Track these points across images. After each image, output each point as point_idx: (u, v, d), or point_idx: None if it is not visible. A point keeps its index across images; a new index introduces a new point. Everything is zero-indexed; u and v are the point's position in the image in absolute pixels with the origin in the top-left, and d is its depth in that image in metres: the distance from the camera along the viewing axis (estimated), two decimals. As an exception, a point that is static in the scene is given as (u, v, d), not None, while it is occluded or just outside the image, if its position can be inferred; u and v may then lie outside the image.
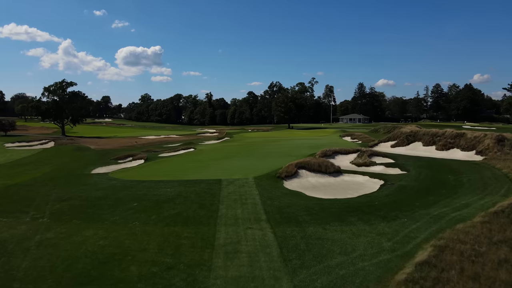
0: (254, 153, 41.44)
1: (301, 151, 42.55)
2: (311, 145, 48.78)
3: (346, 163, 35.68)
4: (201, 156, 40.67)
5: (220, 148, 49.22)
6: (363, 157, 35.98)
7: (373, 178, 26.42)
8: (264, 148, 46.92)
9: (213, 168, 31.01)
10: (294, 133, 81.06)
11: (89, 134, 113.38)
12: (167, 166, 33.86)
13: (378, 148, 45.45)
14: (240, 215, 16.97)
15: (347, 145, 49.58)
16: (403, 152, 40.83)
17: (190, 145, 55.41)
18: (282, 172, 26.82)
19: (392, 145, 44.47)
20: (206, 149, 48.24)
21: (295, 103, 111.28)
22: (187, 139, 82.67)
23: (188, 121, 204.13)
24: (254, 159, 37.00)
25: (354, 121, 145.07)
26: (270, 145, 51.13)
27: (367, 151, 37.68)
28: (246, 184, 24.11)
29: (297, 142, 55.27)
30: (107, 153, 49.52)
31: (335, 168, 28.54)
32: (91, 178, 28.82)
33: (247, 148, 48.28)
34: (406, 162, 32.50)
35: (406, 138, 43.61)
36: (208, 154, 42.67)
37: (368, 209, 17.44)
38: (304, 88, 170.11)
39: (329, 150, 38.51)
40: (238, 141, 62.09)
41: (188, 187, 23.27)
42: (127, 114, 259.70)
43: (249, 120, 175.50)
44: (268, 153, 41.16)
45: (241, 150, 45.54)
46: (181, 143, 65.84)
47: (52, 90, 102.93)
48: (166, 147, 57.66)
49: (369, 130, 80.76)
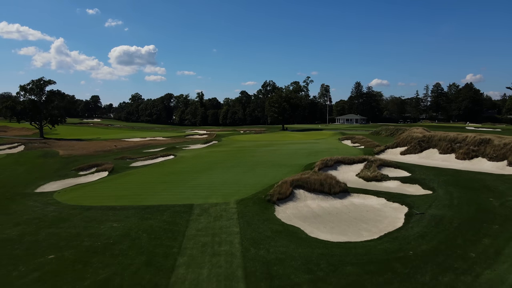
0: (242, 162, 35.27)
1: (296, 159, 36.50)
2: (307, 152, 42.76)
3: (351, 175, 29.67)
4: (179, 166, 34.37)
5: (204, 155, 42.94)
6: (371, 168, 29.99)
7: (391, 201, 20.36)
8: (254, 155, 40.76)
9: (188, 186, 24.73)
10: (288, 135, 74.93)
11: (70, 136, 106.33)
12: (132, 182, 27.50)
13: (386, 155, 39.51)
14: (204, 282, 10.75)
15: (349, 151, 43.63)
16: (416, 161, 34.91)
17: (171, 151, 49.05)
18: (274, 193, 20.68)
19: (402, 152, 38.52)
20: (188, 157, 41.93)
21: (290, 103, 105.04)
22: (173, 142, 76.24)
23: (179, 121, 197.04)
24: (241, 170, 30.81)
25: (351, 122, 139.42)
26: (261, 151, 44.97)
27: (375, 161, 31.67)
28: (225, 213, 17.93)
29: (292, 147, 49.17)
30: (75, 160, 42.97)
31: (341, 187, 22.42)
32: (26, 200, 22.38)
33: (235, 155, 42.07)
34: (426, 177, 26.53)
35: (419, 144, 37.68)
36: (188, 163, 36.38)
37: (403, 268, 11.35)
38: (299, 87, 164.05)
39: (330, 159, 32.53)
40: (226, 145, 55.80)
41: (145, 219, 17.01)
42: (117, 114, 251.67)
43: (242, 121, 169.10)
44: (258, 162, 35.00)
45: (227, 158, 39.33)
46: (164, 147, 59.42)
47: (29, 89, 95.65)
48: (145, 153, 51.27)
49: (369, 132, 74.92)
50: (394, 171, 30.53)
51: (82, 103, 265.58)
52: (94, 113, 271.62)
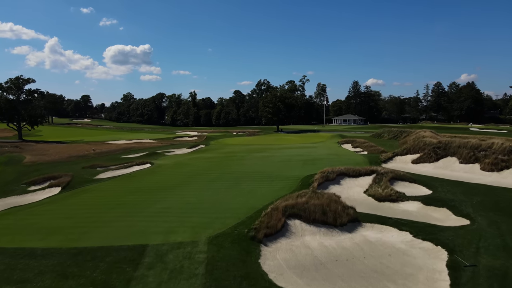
0: (227, 174, 29.78)
1: (291, 169, 31.09)
2: (304, 159, 37.39)
3: (358, 192, 24.32)
4: (151, 180, 28.78)
5: (186, 163, 37.35)
6: (382, 183, 24.62)
7: (419, 237, 15.01)
8: (243, 164, 35.30)
9: (149, 212, 19.13)
10: (283, 138, 69.46)
11: (53, 138, 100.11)
12: (82, 204, 21.84)
13: (395, 164, 34.19)
14: None
15: (351, 158, 38.31)
16: (432, 172, 29.60)
17: (150, 158, 43.43)
18: (261, 226, 15.25)
19: (414, 160, 33.20)
20: (166, 166, 36.32)
21: (285, 103, 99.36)
22: (159, 145, 70.53)
23: (171, 122, 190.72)
24: (223, 186, 25.33)
25: (349, 123, 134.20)
26: (251, 158, 39.50)
27: (386, 174, 26.31)
28: (188, 263, 12.47)
29: (287, 152, 43.72)
30: (35, 170, 37.16)
31: (349, 215, 16.96)
32: None
33: (220, 163, 36.55)
34: (453, 196, 21.21)
35: (434, 151, 32.36)
36: (163, 175, 30.80)
37: None
38: (295, 87, 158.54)
39: (331, 171, 27.20)
40: (214, 150, 50.19)
41: (65, 278, 11.45)
42: (108, 114, 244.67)
43: (236, 121, 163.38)
44: (246, 174, 29.53)
45: (211, 167, 33.80)
46: (146, 151, 53.73)
47: (6, 88, 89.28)
48: (122, 159, 45.61)
49: (370, 135, 69.71)
50: (410, 186, 25.21)
51: (72, 102, 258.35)
52: (85, 113, 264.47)
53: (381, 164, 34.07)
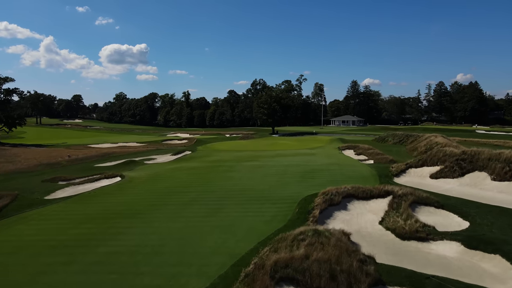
0: (207, 194, 24.31)
1: (286, 186, 25.67)
2: (301, 170, 32.03)
3: (371, 221, 18.96)
4: (113, 201, 23.25)
5: (162, 177, 31.78)
6: (402, 209, 19.25)
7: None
8: (229, 178, 29.83)
9: (87, 261, 13.54)
10: (278, 143, 63.92)
11: (35, 140, 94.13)
12: (5, 244, 16.17)
13: (409, 177, 28.87)
14: None
15: (356, 169, 32.94)
16: (457, 190, 24.27)
17: (125, 169, 37.89)
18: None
19: (433, 174, 27.82)
20: (139, 180, 30.73)
21: (280, 103, 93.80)
22: (143, 150, 64.74)
23: (163, 122, 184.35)
24: (199, 213, 19.87)
25: (348, 124, 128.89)
26: (240, 169, 34.02)
27: (405, 196, 20.94)
28: None
29: (282, 161, 38.24)
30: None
31: (369, 277, 11.46)
32: None
33: (203, 176, 31.04)
34: (500, 232, 15.87)
35: (458, 164, 26.97)
36: (130, 194, 25.26)
37: None
38: (291, 87, 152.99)
39: (336, 191, 21.83)
40: (200, 158, 44.53)
41: None
42: (99, 114, 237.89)
43: (230, 122, 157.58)
44: (229, 194, 24.05)
45: (191, 183, 28.30)
46: (124, 159, 48.09)
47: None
48: (94, 169, 40.08)
49: (373, 139, 64.49)
50: (437, 213, 19.83)
51: (63, 102, 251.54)
52: (77, 113, 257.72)
53: (392, 178, 28.73)
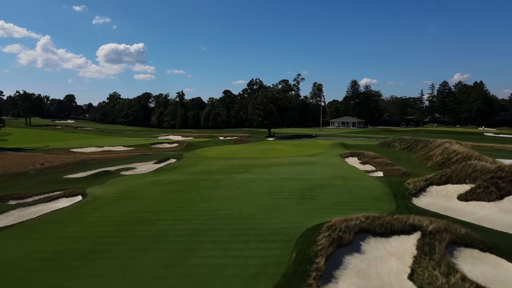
0: (180, 224, 19.08)
1: (281, 212, 20.35)
2: (300, 187, 26.80)
3: (395, 273, 13.69)
4: (60, 235, 17.98)
5: (133, 196, 26.43)
6: (438, 257, 14.01)
7: None
8: (212, 198, 24.55)
9: None
10: (274, 148, 58.58)
11: (14, 144, 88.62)
12: None
13: (431, 198, 23.66)
14: None
15: (364, 184, 27.74)
16: (498, 218, 19.09)
17: (95, 182, 32.57)
18: None
19: (462, 195, 22.60)
20: (104, 200, 25.40)
21: (277, 104, 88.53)
22: (128, 155, 59.34)
23: (157, 123, 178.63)
24: (160, 259, 14.57)
25: (348, 126, 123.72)
26: (227, 184, 28.70)
27: (438, 233, 15.74)
28: None
29: (277, 174, 32.92)
30: None
31: None
32: None
33: (181, 196, 25.72)
34: None
35: (494, 183, 21.74)
36: (84, 223, 19.94)
37: None
38: (289, 87, 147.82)
39: (345, 227, 16.82)
40: (184, 168, 39.08)
41: None
42: (92, 115, 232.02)
43: (226, 123, 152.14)
44: (208, 225, 18.76)
45: (164, 205, 23.00)
46: (99, 169, 42.72)
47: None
48: (61, 182, 34.76)
49: (377, 143, 59.33)
50: (484, 261, 14.60)
51: (55, 102, 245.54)
52: (70, 114, 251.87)
53: (410, 198, 23.52)
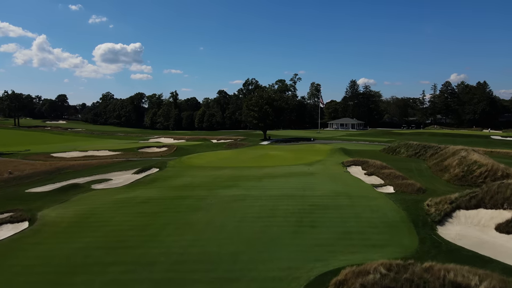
0: (131, 274, 14.22)
1: (270, 249, 15.39)
2: (297, 208, 22.14)
3: None
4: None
5: (92, 223, 21.59)
6: None
7: None
8: (189, 225, 19.85)
9: None
10: (269, 154, 53.83)
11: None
12: None
13: (459, 226, 19.02)
14: None
15: (373, 205, 23.16)
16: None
17: (57, 199, 27.76)
18: None
19: (502, 225, 17.98)
20: (54, 229, 20.59)
21: (273, 105, 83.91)
22: (111, 161, 54.53)
23: (150, 124, 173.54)
24: None
25: (347, 127, 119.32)
26: (209, 206, 23.90)
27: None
28: None
29: (270, 190, 28.11)
30: None
31: None
32: None
33: (149, 223, 20.92)
34: None
35: (544, 212, 17.12)
36: (6, 272, 15.04)
37: None
38: (285, 87, 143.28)
39: (361, 282, 11.67)
40: (164, 181, 34.23)
41: None
42: (84, 115, 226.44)
43: (220, 124, 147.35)
44: (171, 272, 13.97)
45: (123, 240, 18.26)
46: (70, 180, 37.92)
47: None
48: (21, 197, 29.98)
49: (381, 149, 54.77)
50: None
51: (47, 102, 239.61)
52: (62, 114, 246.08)
53: (435, 227, 18.86)
